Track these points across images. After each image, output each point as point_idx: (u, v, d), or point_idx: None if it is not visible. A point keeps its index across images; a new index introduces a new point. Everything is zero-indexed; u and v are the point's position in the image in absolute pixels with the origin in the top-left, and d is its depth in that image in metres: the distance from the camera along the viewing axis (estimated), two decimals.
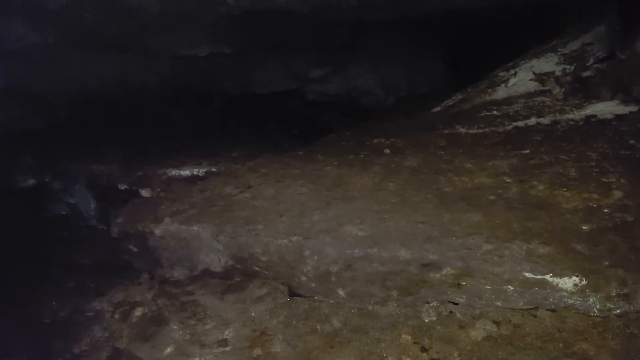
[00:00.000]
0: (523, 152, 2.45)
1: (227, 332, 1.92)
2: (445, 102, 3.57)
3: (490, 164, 2.37)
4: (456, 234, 1.85)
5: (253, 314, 1.98)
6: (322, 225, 2.03)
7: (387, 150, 2.76)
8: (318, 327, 1.86)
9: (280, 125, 4.89)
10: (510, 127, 2.81)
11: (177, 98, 4.52)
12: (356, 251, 1.88)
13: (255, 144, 3.73)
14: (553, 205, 1.95)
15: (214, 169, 2.91)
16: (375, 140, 2.96)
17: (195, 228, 2.24)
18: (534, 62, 3.34)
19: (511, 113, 2.99)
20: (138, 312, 2.13)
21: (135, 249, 2.44)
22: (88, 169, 3.22)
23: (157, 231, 2.32)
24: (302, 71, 5.55)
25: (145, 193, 2.80)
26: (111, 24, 3.13)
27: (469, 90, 3.52)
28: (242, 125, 4.58)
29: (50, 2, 2.67)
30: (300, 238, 1.99)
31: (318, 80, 5.93)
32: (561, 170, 2.20)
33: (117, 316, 2.14)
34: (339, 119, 5.14)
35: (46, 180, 3.29)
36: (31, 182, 3.29)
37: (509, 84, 3.29)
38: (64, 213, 3.20)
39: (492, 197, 2.06)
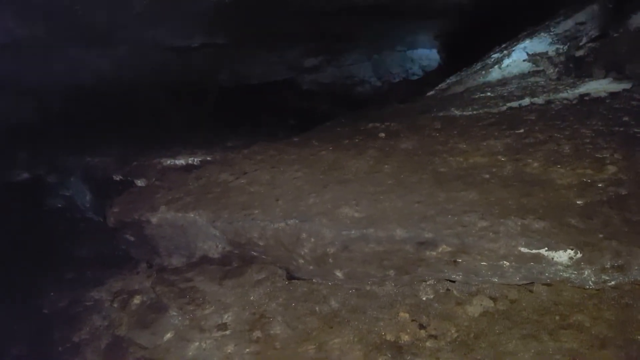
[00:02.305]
0: (517, 131, 2.45)
1: (226, 316, 1.93)
2: (440, 85, 3.57)
3: (484, 144, 2.37)
4: (451, 212, 1.85)
5: (252, 297, 1.99)
6: (319, 207, 2.04)
7: (382, 134, 2.76)
8: (317, 308, 1.87)
9: (276, 116, 4.88)
10: (504, 108, 2.80)
11: (171, 91, 4.50)
12: (352, 232, 1.88)
13: (251, 135, 3.72)
14: (547, 181, 1.95)
15: (209, 158, 2.91)
16: (370, 125, 2.95)
17: (192, 215, 2.24)
18: (527, 42, 3.34)
19: (505, 94, 2.99)
20: (137, 300, 2.14)
21: (132, 238, 2.44)
22: (82, 161, 3.21)
23: (154, 219, 2.32)
24: (297, 61, 5.53)
25: (140, 183, 2.79)
26: (102, 15, 3.10)
27: (463, 73, 3.51)
28: (237, 117, 4.56)
29: None
30: (297, 221, 1.99)
31: (313, 69, 5.92)
32: (555, 148, 2.20)
33: (116, 305, 2.14)
34: (335, 107, 5.13)
35: (41, 173, 3.29)
36: (26, 175, 3.28)
37: (502, 66, 3.28)
38: (60, 206, 3.20)
39: (487, 176, 2.06)
